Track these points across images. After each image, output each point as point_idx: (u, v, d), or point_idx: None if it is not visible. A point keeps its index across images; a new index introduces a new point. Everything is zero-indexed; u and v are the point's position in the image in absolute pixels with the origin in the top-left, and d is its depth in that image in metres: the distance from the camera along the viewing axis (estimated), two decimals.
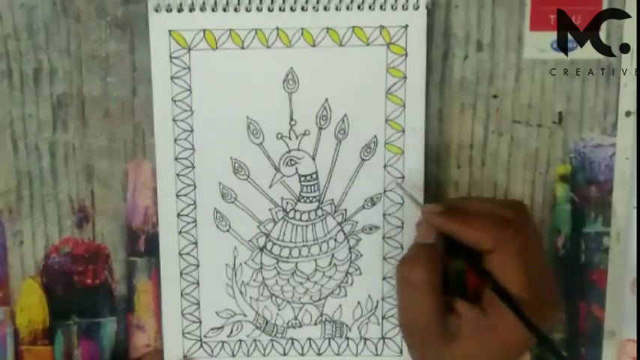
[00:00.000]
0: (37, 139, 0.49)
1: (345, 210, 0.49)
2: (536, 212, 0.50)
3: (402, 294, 0.44)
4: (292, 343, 0.50)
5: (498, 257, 0.41)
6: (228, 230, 0.49)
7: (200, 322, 0.50)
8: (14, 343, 0.50)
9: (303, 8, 0.47)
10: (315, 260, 0.49)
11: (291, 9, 0.47)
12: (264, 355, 0.50)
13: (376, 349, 0.50)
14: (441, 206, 0.44)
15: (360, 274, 0.50)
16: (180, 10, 0.47)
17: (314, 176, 0.48)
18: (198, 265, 0.49)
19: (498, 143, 0.49)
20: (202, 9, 0.46)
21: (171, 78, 0.47)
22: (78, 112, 0.48)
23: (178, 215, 0.49)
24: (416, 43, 0.47)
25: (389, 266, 0.49)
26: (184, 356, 0.50)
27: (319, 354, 0.50)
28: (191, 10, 0.47)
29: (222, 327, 0.50)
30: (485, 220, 0.42)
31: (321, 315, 0.50)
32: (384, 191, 0.48)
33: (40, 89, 0.48)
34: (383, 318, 0.50)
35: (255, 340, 0.50)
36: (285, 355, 0.50)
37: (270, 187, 0.48)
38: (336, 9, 0.47)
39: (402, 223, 0.49)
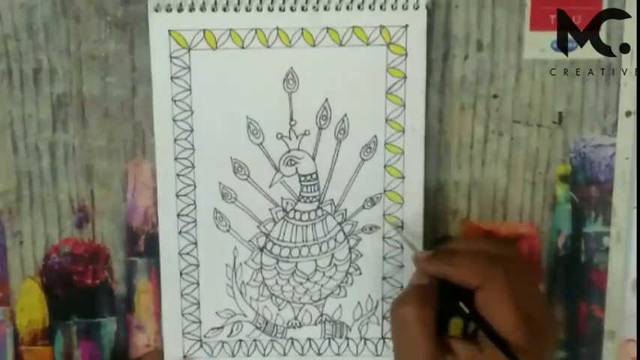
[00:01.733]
0: (37, 139, 0.49)
1: (345, 210, 0.49)
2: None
3: (396, 334, 0.43)
4: (292, 343, 0.50)
5: (487, 292, 0.41)
6: (228, 230, 0.49)
7: (200, 322, 0.50)
8: (14, 343, 0.50)
9: (303, 8, 0.47)
10: (315, 260, 0.49)
11: (291, 9, 0.47)
12: (264, 355, 0.50)
13: (376, 349, 0.50)
14: (430, 252, 0.44)
15: (360, 274, 0.50)
16: (180, 10, 0.46)
17: (314, 176, 0.48)
18: (198, 265, 0.49)
19: (498, 143, 0.49)
20: (202, 9, 0.46)
21: (171, 78, 0.47)
22: (78, 112, 0.48)
23: (178, 215, 0.49)
24: (416, 43, 0.47)
25: (389, 266, 0.49)
26: (184, 356, 0.50)
27: (319, 354, 0.50)
28: (191, 10, 0.47)
29: (222, 327, 0.50)
30: (472, 257, 0.42)
31: (321, 315, 0.50)
32: (384, 191, 0.48)
33: (40, 89, 0.48)
34: (383, 318, 0.50)
35: (255, 340, 0.50)
36: (285, 355, 0.50)
37: (270, 187, 0.48)
38: (336, 9, 0.47)
39: (402, 222, 0.49)
